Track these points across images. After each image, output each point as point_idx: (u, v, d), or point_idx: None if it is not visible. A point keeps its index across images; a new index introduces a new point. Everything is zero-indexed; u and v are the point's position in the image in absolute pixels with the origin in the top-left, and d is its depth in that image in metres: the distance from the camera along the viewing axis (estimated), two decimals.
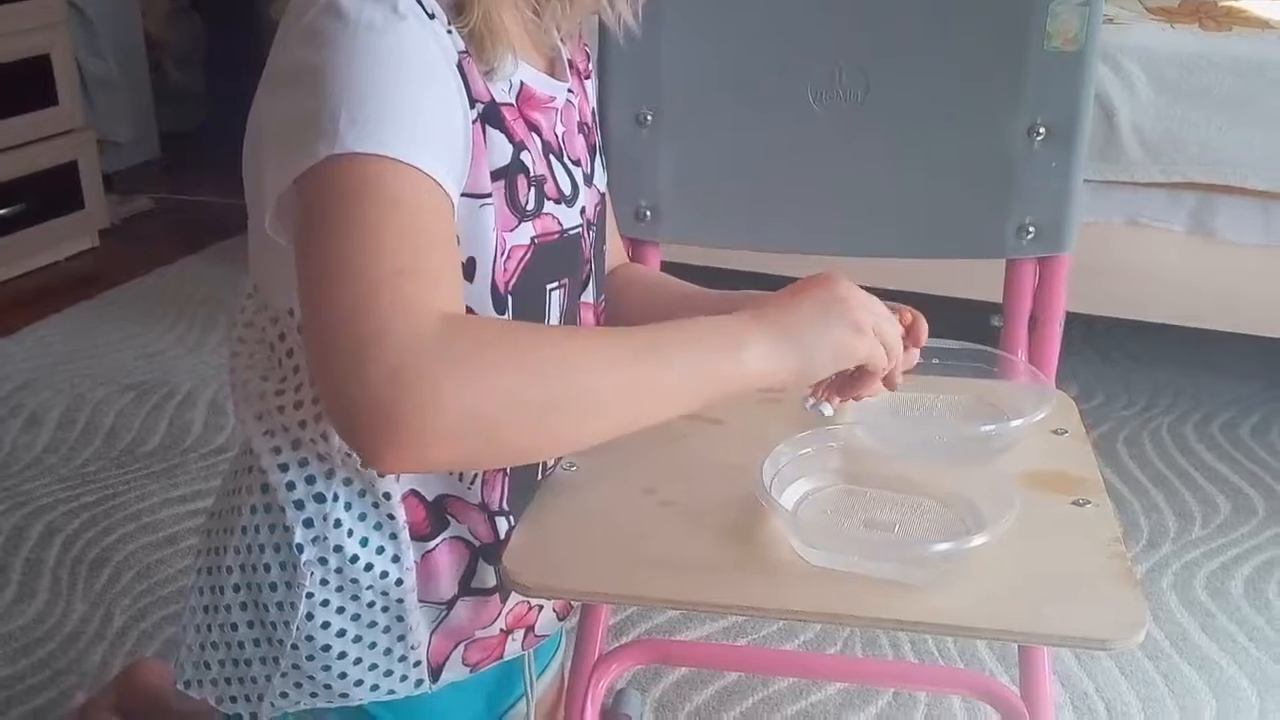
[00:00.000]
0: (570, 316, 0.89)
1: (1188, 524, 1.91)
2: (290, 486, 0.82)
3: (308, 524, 0.82)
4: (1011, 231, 1.11)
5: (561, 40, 0.89)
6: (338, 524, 0.82)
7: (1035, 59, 1.06)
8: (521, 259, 0.80)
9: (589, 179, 0.91)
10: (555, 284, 0.85)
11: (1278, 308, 2.10)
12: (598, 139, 0.95)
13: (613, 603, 1.24)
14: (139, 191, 3.32)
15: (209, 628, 0.88)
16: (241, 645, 0.87)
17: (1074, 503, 0.88)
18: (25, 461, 2.03)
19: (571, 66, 0.91)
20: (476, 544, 0.86)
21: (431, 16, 0.72)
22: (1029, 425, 0.93)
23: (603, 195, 0.95)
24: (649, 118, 1.11)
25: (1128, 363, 2.45)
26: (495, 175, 0.77)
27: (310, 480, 0.82)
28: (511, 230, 0.79)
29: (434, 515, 0.84)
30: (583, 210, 0.88)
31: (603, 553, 0.83)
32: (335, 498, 0.82)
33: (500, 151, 0.77)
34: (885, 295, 0.84)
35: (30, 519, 1.86)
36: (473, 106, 0.75)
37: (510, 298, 0.80)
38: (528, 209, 0.80)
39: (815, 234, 1.01)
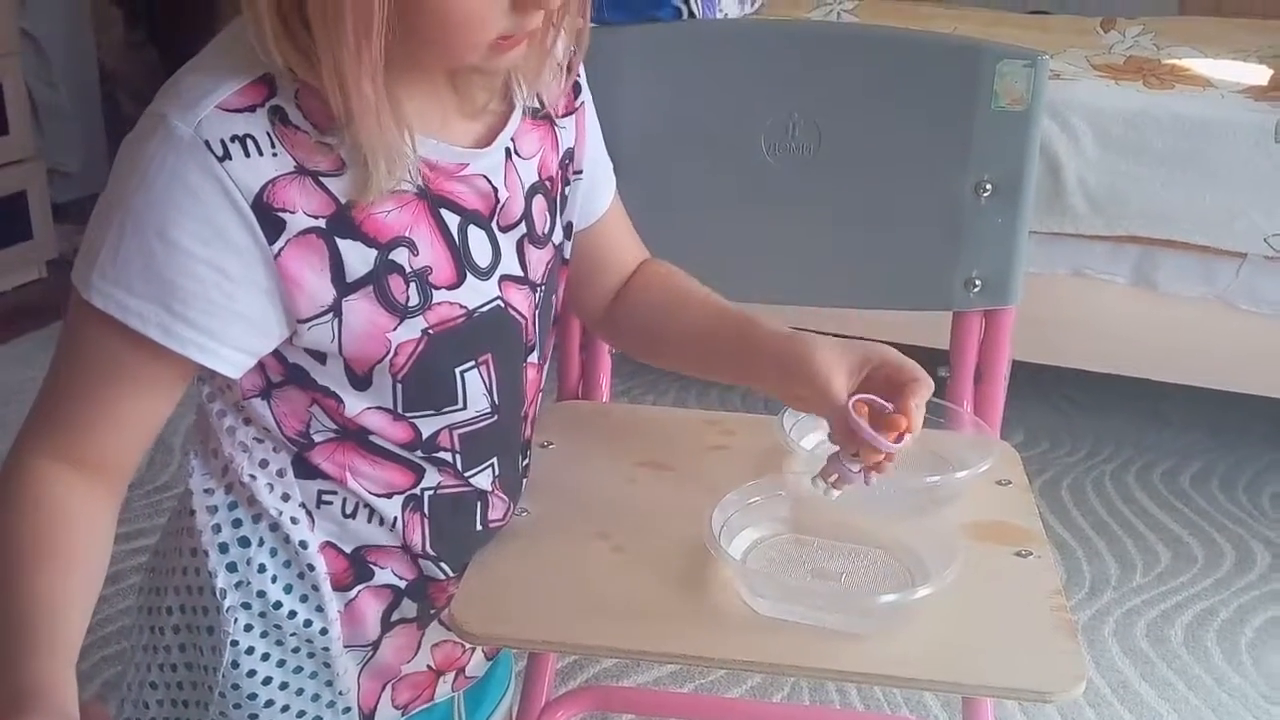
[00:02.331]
0: (508, 386, 0.86)
1: (1129, 572, 1.94)
2: (216, 529, 0.83)
3: (231, 568, 0.83)
4: (959, 284, 1.13)
5: (525, 92, 0.84)
6: (261, 569, 0.83)
7: (982, 117, 1.08)
8: (413, 352, 0.79)
9: (541, 239, 0.87)
10: (469, 364, 0.83)
11: (1218, 360, 2.14)
12: (564, 189, 0.91)
13: (558, 651, 1.24)
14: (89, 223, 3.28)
15: (149, 667, 0.88)
16: (180, 686, 0.87)
17: (1017, 554, 0.89)
18: None
19: (538, 113, 0.87)
20: (402, 584, 0.86)
21: (222, 158, 0.70)
22: (973, 476, 0.94)
23: (557, 248, 0.91)
24: None
25: (1072, 411, 2.49)
26: (357, 284, 0.76)
27: (236, 524, 0.83)
28: (394, 329, 0.77)
29: (355, 566, 0.85)
30: (507, 279, 0.84)
31: (551, 600, 0.83)
32: (261, 543, 0.83)
33: (359, 259, 0.75)
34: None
35: None
36: (277, 239, 0.72)
37: (400, 386, 0.80)
38: (410, 306, 0.78)
39: (767, 284, 1.02)
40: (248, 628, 0.83)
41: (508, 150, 0.83)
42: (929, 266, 1.13)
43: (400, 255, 0.77)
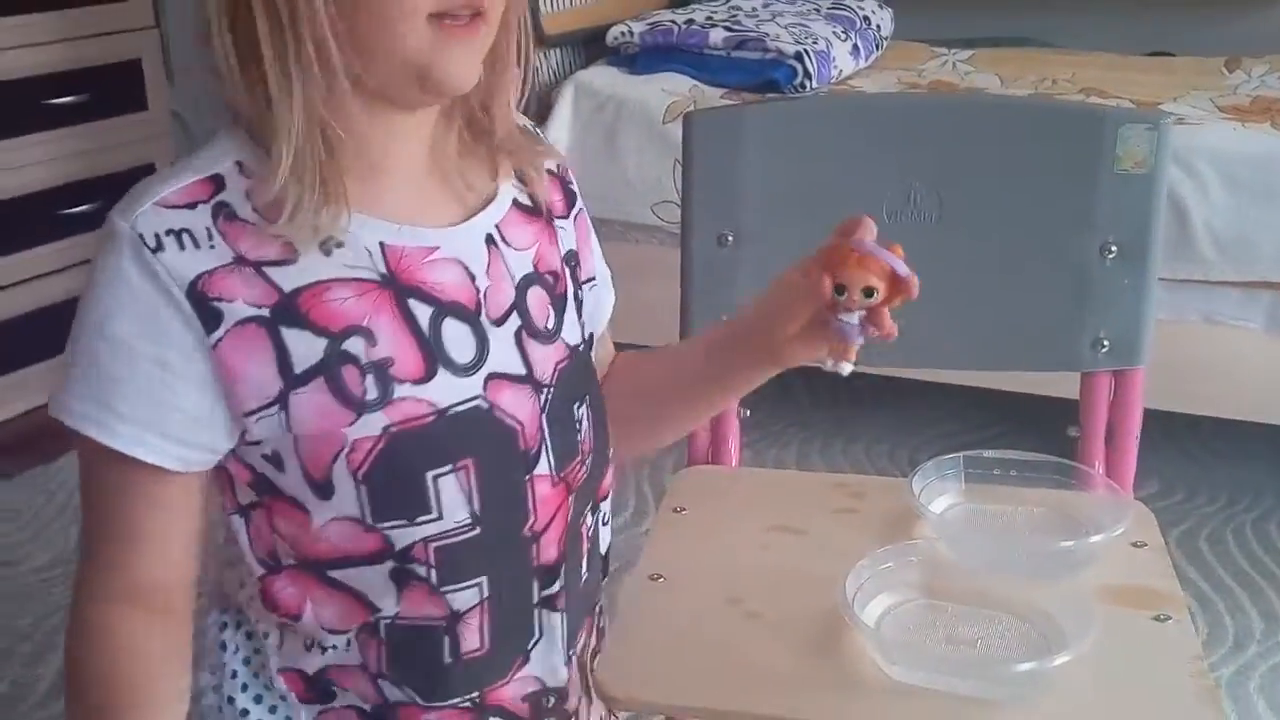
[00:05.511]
0: (498, 498, 0.80)
1: (1274, 625, 1.88)
2: (206, 630, 0.86)
3: (212, 670, 0.86)
4: (1086, 346, 1.13)
5: (520, 179, 0.85)
6: (234, 675, 0.85)
7: (1106, 180, 1.09)
8: (372, 450, 0.75)
9: (545, 334, 0.84)
10: (443, 469, 0.77)
11: None
12: (573, 288, 0.88)
13: (699, 717, 1.26)
14: None
15: None
16: None
17: (1155, 618, 0.88)
18: None
19: (532, 210, 0.86)
20: (367, 708, 0.84)
21: (155, 249, 0.72)
22: (1108, 540, 0.94)
23: (572, 349, 0.86)
24: (730, 238, 1.15)
25: (1208, 459, 2.43)
26: (306, 375, 0.74)
27: (222, 627, 0.87)
28: (350, 425, 0.75)
29: (317, 688, 0.85)
30: (499, 377, 0.80)
31: (689, 665, 0.86)
32: (235, 650, 0.86)
33: (306, 349, 0.74)
34: (965, 390, 0.85)
35: None
36: (215, 329, 0.73)
37: (365, 488, 0.76)
38: (368, 400, 0.75)
39: (893, 350, 1.03)
40: None
41: (491, 238, 0.82)
42: (1055, 328, 1.14)
43: (355, 345, 0.75)
